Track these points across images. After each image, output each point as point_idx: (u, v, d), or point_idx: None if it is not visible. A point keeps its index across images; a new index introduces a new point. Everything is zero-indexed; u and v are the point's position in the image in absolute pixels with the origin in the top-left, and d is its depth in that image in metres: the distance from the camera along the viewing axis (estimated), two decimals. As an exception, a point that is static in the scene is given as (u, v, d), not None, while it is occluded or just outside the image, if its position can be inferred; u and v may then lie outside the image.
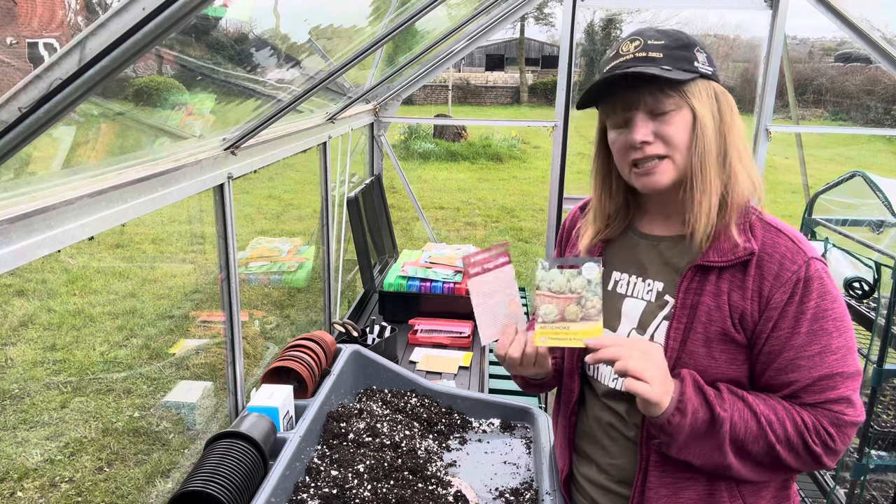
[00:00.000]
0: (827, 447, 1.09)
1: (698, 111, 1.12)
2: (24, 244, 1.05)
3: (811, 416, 1.09)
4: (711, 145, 1.12)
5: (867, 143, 15.93)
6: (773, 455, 1.10)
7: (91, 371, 4.54)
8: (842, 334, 1.10)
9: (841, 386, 1.09)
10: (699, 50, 1.15)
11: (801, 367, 1.10)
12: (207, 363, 4.71)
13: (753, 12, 3.11)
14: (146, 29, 0.77)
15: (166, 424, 3.91)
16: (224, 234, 1.79)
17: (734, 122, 1.15)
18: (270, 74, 1.92)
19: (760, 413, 1.09)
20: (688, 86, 1.12)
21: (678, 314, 1.15)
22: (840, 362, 1.09)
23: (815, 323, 1.09)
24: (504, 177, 12.44)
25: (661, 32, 1.15)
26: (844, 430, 1.09)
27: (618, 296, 1.26)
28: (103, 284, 6.10)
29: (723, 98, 1.15)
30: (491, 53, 39.28)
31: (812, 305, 1.09)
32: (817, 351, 1.09)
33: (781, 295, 1.09)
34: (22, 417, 3.95)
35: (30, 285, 5.96)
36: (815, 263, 1.11)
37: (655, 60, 1.11)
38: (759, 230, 1.14)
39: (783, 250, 1.11)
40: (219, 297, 1.88)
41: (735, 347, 1.13)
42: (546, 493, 1.40)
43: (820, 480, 2.70)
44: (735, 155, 1.14)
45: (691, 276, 1.15)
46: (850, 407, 1.09)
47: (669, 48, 1.13)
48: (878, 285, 2.42)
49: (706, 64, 1.14)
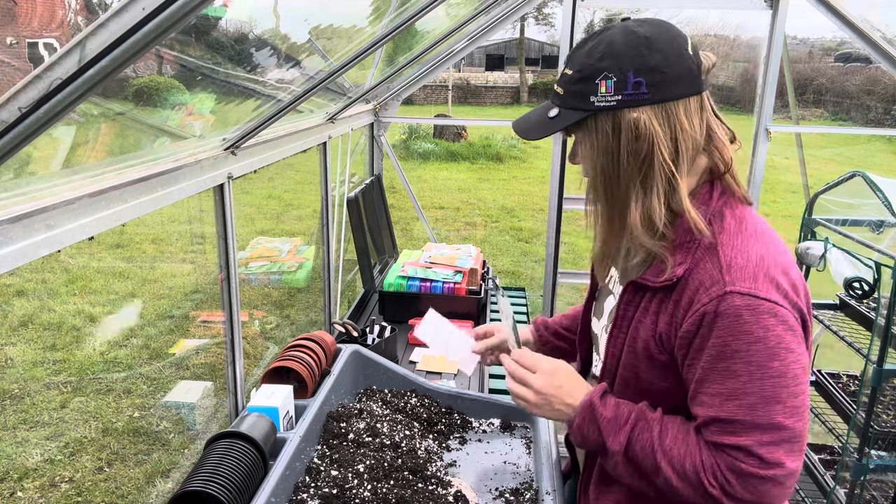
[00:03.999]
0: (725, 492, 1.00)
1: (583, 153, 1.11)
2: (24, 244, 1.04)
3: (710, 456, 1.03)
4: (597, 186, 1.11)
5: (867, 143, 15.93)
6: (672, 489, 1.05)
7: (91, 371, 4.54)
8: (755, 380, 0.97)
9: (742, 434, 0.99)
10: (605, 76, 1.03)
11: (702, 402, 1.04)
12: (207, 363, 4.71)
13: (753, 12, 3.11)
14: (146, 29, 0.77)
15: (166, 424, 3.91)
16: (224, 234, 1.79)
17: (651, 152, 1.05)
18: (270, 74, 1.92)
19: (662, 448, 1.06)
20: (581, 125, 1.09)
21: (617, 324, 1.17)
22: (744, 410, 0.98)
23: (720, 362, 1.00)
24: (504, 177, 12.44)
25: (579, 56, 1.08)
26: (746, 480, 0.99)
27: (607, 290, 1.30)
28: (103, 284, 6.10)
29: (627, 129, 1.04)
30: (491, 53, 39.28)
31: (717, 343, 1.00)
32: (717, 391, 1.01)
33: (689, 326, 1.03)
34: (22, 417, 3.95)
35: (30, 285, 5.96)
36: (732, 299, 0.98)
37: (558, 97, 1.11)
38: (700, 252, 1.06)
39: (703, 278, 1.03)
40: (219, 297, 1.88)
41: (662, 365, 1.10)
42: (546, 493, 1.40)
43: (820, 480, 2.70)
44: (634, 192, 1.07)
45: (632, 290, 1.15)
46: (751, 458, 0.98)
47: (570, 82, 1.08)
48: (878, 285, 2.42)
49: (611, 93, 1.03)
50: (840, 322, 2.79)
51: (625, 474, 1.11)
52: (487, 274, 3.10)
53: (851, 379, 2.83)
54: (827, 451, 2.92)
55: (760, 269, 1.01)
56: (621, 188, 1.08)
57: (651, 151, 1.04)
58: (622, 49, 1.03)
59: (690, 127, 1.06)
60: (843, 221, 2.82)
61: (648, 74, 1.02)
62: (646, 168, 1.05)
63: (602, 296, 1.32)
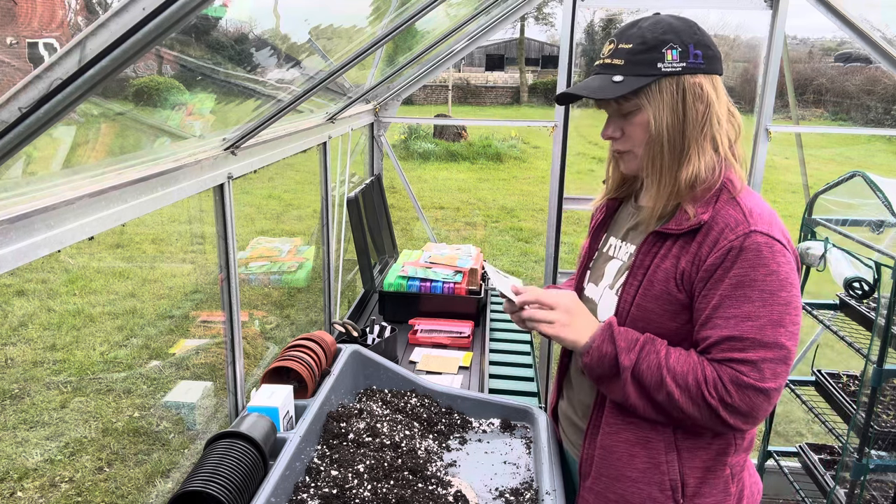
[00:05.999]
0: (724, 402, 1.16)
1: (651, 113, 1.24)
2: (24, 244, 1.04)
3: (713, 371, 1.18)
4: (663, 143, 1.24)
5: (867, 143, 15.93)
6: (673, 402, 1.20)
7: (91, 371, 4.54)
8: (767, 306, 1.15)
9: (749, 350, 1.15)
10: (671, 46, 1.22)
11: (716, 325, 1.19)
12: (207, 363, 4.71)
13: (753, 12, 3.11)
14: (146, 29, 0.77)
15: (166, 424, 3.91)
16: (224, 234, 1.79)
17: (707, 114, 1.23)
18: (270, 74, 1.91)
19: (667, 365, 1.21)
20: (644, 90, 1.23)
21: (633, 272, 1.31)
22: (755, 329, 1.15)
23: (739, 289, 1.16)
24: (504, 177, 12.44)
25: (636, 31, 1.24)
26: (745, 391, 1.15)
27: (607, 257, 1.44)
28: (103, 284, 6.10)
29: (692, 91, 1.22)
30: (491, 53, 39.28)
31: (739, 273, 1.16)
32: (733, 314, 1.17)
33: (714, 259, 1.19)
34: (22, 417, 3.95)
35: (30, 285, 5.96)
36: (755, 236, 1.17)
37: (615, 68, 1.25)
38: (720, 204, 1.23)
39: (728, 220, 1.20)
40: (219, 297, 1.88)
41: (678, 305, 1.25)
42: (546, 492, 1.40)
43: (820, 480, 2.70)
44: (695, 148, 1.23)
45: (652, 240, 1.29)
46: (755, 371, 1.15)
47: (633, 53, 1.23)
48: (878, 285, 2.42)
49: (677, 60, 1.22)
50: (840, 322, 2.78)
51: (630, 392, 1.24)
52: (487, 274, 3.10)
53: (851, 379, 2.82)
54: (827, 451, 2.92)
55: (773, 220, 1.21)
56: (684, 145, 1.23)
57: (707, 112, 1.23)
58: (680, 27, 1.23)
59: (725, 98, 1.27)
60: (843, 221, 2.82)
61: (703, 48, 1.23)
62: (706, 127, 1.23)
63: (599, 264, 1.46)
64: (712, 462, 1.29)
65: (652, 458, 1.30)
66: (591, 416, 1.40)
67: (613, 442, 1.34)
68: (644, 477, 1.31)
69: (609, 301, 1.37)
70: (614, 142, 1.33)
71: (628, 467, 1.32)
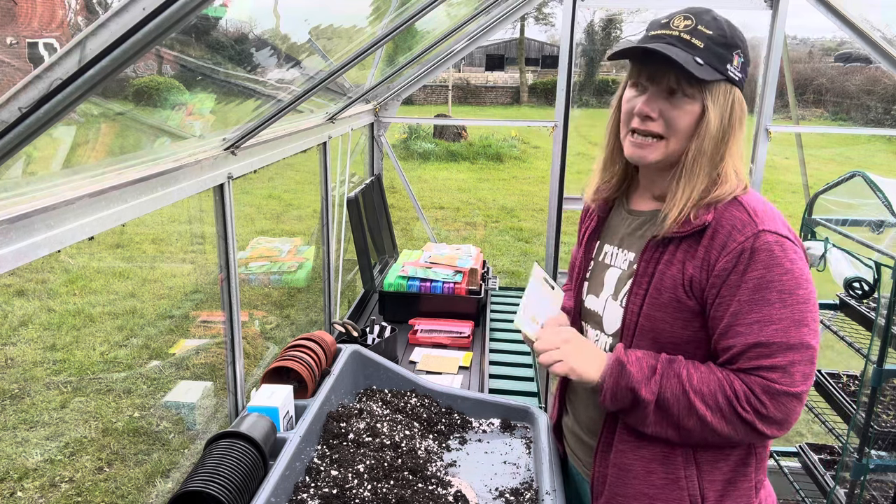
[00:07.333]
0: (759, 414, 1.12)
1: (709, 111, 1.17)
2: (24, 244, 1.04)
3: (742, 384, 1.13)
4: (709, 146, 1.18)
5: (867, 143, 15.92)
6: (706, 425, 1.15)
7: (91, 371, 4.54)
8: (787, 306, 1.11)
9: (778, 355, 1.11)
10: (738, 53, 1.18)
11: (738, 333, 1.14)
12: (207, 363, 4.71)
13: (753, 12, 3.11)
14: (146, 29, 0.77)
15: (166, 424, 3.91)
16: (224, 234, 1.79)
17: (740, 130, 1.21)
18: (270, 74, 1.91)
19: (693, 388, 1.15)
20: (711, 85, 1.17)
21: (638, 281, 1.25)
22: (780, 333, 1.11)
23: (757, 293, 1.12)
24: (504, 177, 12.44)
25: (715, 21, 1.18)
26: (778, 398, 1.11)
27: (604, 266, 1.38)
28: (103, 284, 6.10)
29: (738, 106, 1.20)
30: (491, 53, 39.27)
31: (755, 276, 1.12)
32: (755, 319, 1.12)
33: (725, 263, 1.14)
34: (22, 417, 3.95)
35: (30, 285, 5.96)
36: (765, 236, 1.13)
37: (695, 48, 1.16)
38: (722, 205, 1.19)
39: (735, 222, 1.16)
40: (219, 297, 1.88)
41: (689, 312, 1.20)
42: (546, 493, 1.40)
43: (820, 480, 2.70)
44: (730, 161, 1.20)
45: (654, 246, 1.24)
46: (786, 377, 1.11)
47: (713, 41, 1.16)
48: (878, 285, 2.42)
49: (738, 69, 1.19)
50: (840, 322, 2.78)
51: (654, 422, 1.19)
52: (487, 274, 3.10)
53: (851, 379, 2.82)
54: (827, 451, 2.92)
55: (777, 217, 1.18)
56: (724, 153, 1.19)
57: (741, 130, 1.21)
58: (741, 36, 1.20)
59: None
60: (843, 221, 2.82)
61: (748, 65, 1.22)
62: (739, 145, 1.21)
63: (597, 273, 1.40)
64: (732, 474, 1.24)
65: (670, 473, 1.24)
66: (601, 433, 1.33)
67: (629, 460, 1.28)
68: (662, 494, 1.25)
69: (614, 313, 1.31)
70: (649, 122, 1.20)
71: (645, 484, 1.26)
